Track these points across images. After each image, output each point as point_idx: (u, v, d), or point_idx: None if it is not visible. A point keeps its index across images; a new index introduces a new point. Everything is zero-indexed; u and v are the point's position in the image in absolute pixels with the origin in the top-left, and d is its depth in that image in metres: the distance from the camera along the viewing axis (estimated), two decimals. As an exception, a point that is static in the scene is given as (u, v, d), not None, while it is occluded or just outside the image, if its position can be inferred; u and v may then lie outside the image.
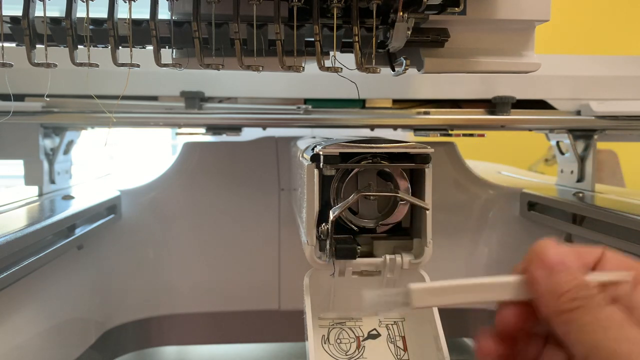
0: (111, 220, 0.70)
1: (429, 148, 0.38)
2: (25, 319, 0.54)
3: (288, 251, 0.80)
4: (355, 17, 0.38)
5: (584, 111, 0.73)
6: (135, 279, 0.77)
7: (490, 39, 0.43)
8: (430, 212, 0.39)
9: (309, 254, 0.39)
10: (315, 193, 0.38)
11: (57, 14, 0.40)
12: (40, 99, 0.65)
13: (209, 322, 0.81)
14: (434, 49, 0.42)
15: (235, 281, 0.80)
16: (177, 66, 0.41)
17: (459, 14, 0.39)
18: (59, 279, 0.61)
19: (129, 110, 0.68)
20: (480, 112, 0.72)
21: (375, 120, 0.71)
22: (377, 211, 0.41)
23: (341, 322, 0.42)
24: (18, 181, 0.70)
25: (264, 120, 0.69)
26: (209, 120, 0.68)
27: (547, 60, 0.66)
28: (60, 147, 0.72)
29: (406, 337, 0.42)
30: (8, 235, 0.45)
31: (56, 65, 0.39)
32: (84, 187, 0.77)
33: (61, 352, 0.62)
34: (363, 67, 0.39)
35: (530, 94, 0.74)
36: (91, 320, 0.71)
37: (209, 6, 0.39)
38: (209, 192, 0.78)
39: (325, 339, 0.41)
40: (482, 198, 0.81)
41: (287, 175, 0.78)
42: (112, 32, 0.39)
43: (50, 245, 0.53)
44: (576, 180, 0.78)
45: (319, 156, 0.38)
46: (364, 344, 0.41)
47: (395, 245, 0.41)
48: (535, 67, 0.44)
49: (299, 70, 0.41)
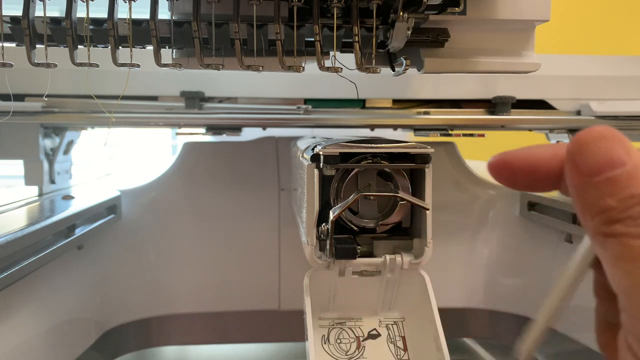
0: (111, 220, 0.70)
1: (429, 148, 0.38)
2: (25, 319, 0.54)
3: (288, 251, 0.80)
4: (355, 17, 0.38)
5: (584, 111, 0.73)
6: (135, 279, 0.77)
7: (490, 39, 0.43)
8: (430, 212, 0.39)
9: (309, 254, 0.39)
10: (315, 193, 0.38)
11: (57, 14, 0.40)
12: (40, 99, 0.65)
13: (209, 322, 0.81)
14: (434, 49, 0.42)
15: (235, 281, 0.80)
16: (177, 66, 0.41)
17: (459, 14, 0.39)
18: (59, 279, 0.61)
19: (129, 110, 0.68)
20: (480, 112, 0.72)
21: (375, 120, 0.71)
22: (377, 211, 0.41)
23: (341, 322, 0.42)
24: (18, 181, 0.70)
25: (264, 120, 0.69)
26: (209, 120, 0.68)
27: (547, 60, 0.66)
28: (60, 147, 0.72)
29: (406, 337, 0.42)
30: (8, 235, 0.45)
31: (56, 65, 0.39)
32: (84, 187, 0.77)
33: (61, 352, 0.62)
34: (363, 67, 0.39)
35: (530, 94, 0.74)
36: (91, 320, 0.71)
37: (209, 6, 0.39)
38: (209, 192, 0.78)
39: (325, 339, 0.41)
40: (482, 198, 0.81)
41: (287, 175, 0.78)
42: (112, 32, 0.39)
43: (50, 245, 0.53)
44: (576, 180, 0.78)
45: (319, 156, 0.38)
46: (364, 344, 0.41)
47: (395, 245, 0.41)
48: (535, 67, 0.44)
49: (299, 70, 0.41)
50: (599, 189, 0.19)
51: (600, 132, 0.20)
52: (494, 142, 0.68)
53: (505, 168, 0.22)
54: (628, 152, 0.20)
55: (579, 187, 0.20)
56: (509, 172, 0.22)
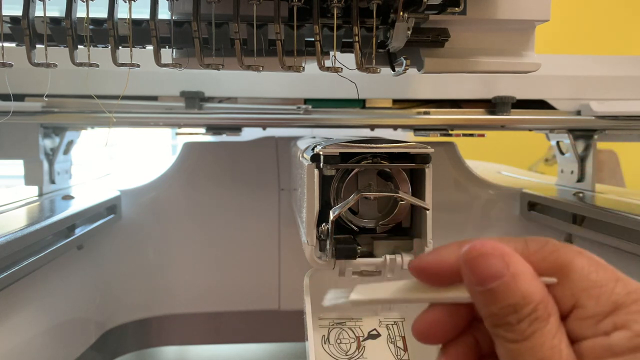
0: (111, 220, 0.70)
1: (429, 148, 0.38)
2: (25, 319, 0.54)
3: (288, 251, 0.80)
4: (355, 17, 0.38)
5: (584, 111, 0.73)
6: (135, 279, 0.77)
7: (490, 39, 0.43)
8: (430, 212, 0.39)
9: (309, 254, 0.39)
10: (316, 193, 0.38)
11: (57, 14, 0.40)
12: (40, 99, 0.65)
13: (209, 322, 0.81)
14: (434, 49, 0.42)
15: (235, 281, 0.80)
16: (177, 66, 0.41)
17: (459, 14, 0.39)
18: (59, 279, 0.61)
19: (129, 110, 0.68)
20: (480, 112, 0.72)
21: (375, 120, 0.71)
22: (377, 211, 0.41)
23: (341, 322, 0.42)
24: (18, 181, 0.70)
25: (264, 120, 0.69)
26: (209, 120, 0.68)
27: (547, 60, 0.66)
28: (60, 147, 0.72)
29: (406, 337, 0.42)
30: (8, 235, 0.45)
31: (56, 65, 0.39)
32: (84, 187, 0.77)
33: (61, 352, 0.62)
34: (363, 67, 0.39)
35: (530, 94, 0.74)
36: (91, 320, 0.71)
37: (209, 6, 0.39)
38: (209, 192, 0.78)
39: (325, 339, 0.41)
40: (482, 198, 0.81)
41: (287, 175, 0.78)
42: (112, 32, 0.39)
43: (50, 245, 0.53)
44: (576, 180, 0.78)
45: (319, 156, 0.38)
46: (364, 344, 0.41)
47: (395, 245, 0.41)
48: (535, 67, 0.44)
49: (299, 70, 0.41)
50: (483, 298, 0.22)
51: (480, 250, 0.22)
52: (494, 142, 0.68)
53: (421, 271, 0.25)
54: (507, 265, 0.22)
55: (471, 293, 0.23)
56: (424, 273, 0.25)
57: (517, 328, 0.21)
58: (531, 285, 0.22)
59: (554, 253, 0.23)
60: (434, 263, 0.24)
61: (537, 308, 0.21)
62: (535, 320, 0.21)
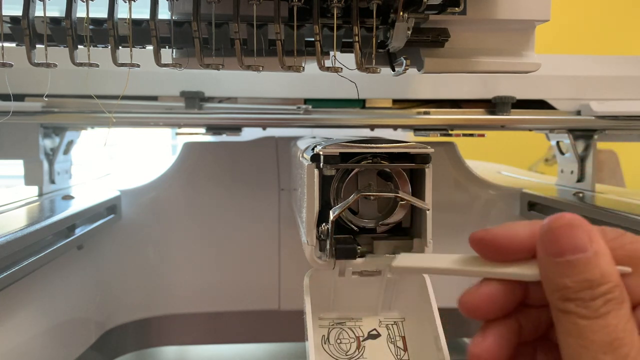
0: (111, 220, 0.70)
1: (429, 148, 0.38)
2: (25, 319, 0.54)
3: (288, 251, 0.80)
4: (355, 17, 0.38)
5: (584, 111, 0.73)
6: (135, 279, 0.77)
7: (490, 39, 0.43)
8: (430, 212, 0.39)
9: (309, 254, 0.39)
10: (315, 193, 0.38)
11: (57, 14, 0.40)
12: (40, 99, 0.65)
13: (209, 322, 0.82)
14: (434, 49, 0.42)
15: (235, 281, 0.80)
16: (177, 66, 0.41)
17: (459, 14, 0.39)
18: (59, 279, 0.61)
19: (128, 110, 0.68)
20: (480, 112, 0.72)
21: (375, 120, 0.71)
22: (377, 211, 0.41)
23: (341, 322, 0.42)
24: (18, 181, 0.70)
25: (264, 120, 0.69)
26: (209, 120, 0.68)
27: (547, 60, 0.66)
28: (60, 147, 0.72)
29: (406, 337, 0.42)
30: (8, 235, 0.45)
31: (56, 65, 0.39)
32: (84, 187, 0.77)
33: (61, 352, 0.62)
34: (363, 67, 0.39)
35: (530, 94, 0.74)
36: (91, 320, 0.71)
37: (209, 6, 0.39)
38: (209, 192, 0.78)
39: (325, 339, 0.41)
40: (482, 198, 0.81)
41: (287, 175, 0.78)
42: (112, 32, 0.39)
43: (50, 245, 0.53)
44: (576, 180, 0.78)
45: (319, 156, 0.38)
46: (364, 344, 0.41)
47: (395, 245, 0.41)
48: (535, 67, 0.44)
49: (299, 70, 0.41)
50: (559, 269, 0.22)
51: (568, 220, 0.22)
52: (494, 142, 0.68)
53: (487, 243, 0.24)
54: (591, 241, 0.22)
55: (545, 265, 0.23)
56: (491, 247, 0.24)
57: (590, 304, 0.21)
58: (611, 267, 0.22)
59: (634, 244, 0.23)
60: (504, 236, 0.24)
61: (614, 290, 0.21)
62: (610, 301, 0.21)
